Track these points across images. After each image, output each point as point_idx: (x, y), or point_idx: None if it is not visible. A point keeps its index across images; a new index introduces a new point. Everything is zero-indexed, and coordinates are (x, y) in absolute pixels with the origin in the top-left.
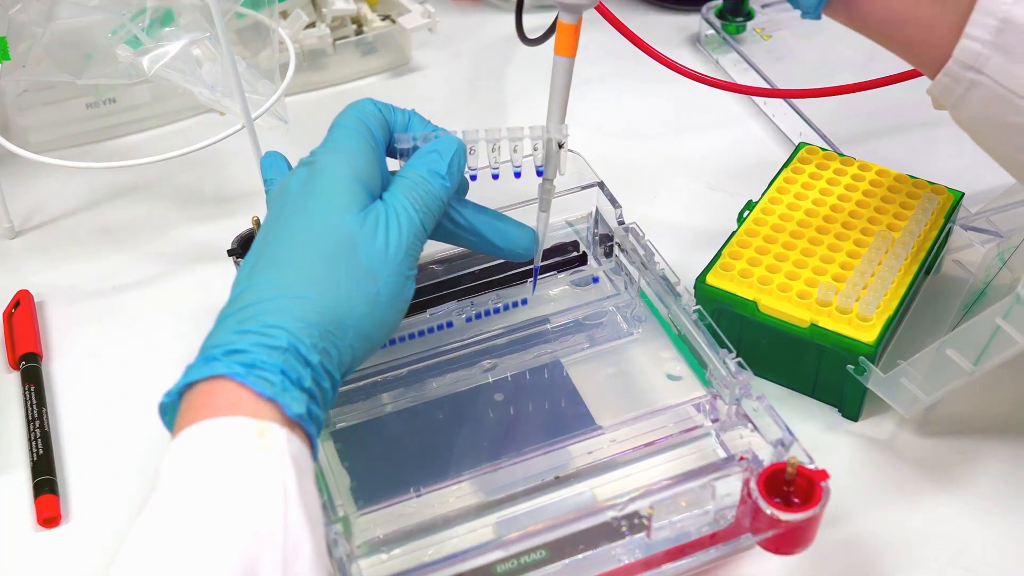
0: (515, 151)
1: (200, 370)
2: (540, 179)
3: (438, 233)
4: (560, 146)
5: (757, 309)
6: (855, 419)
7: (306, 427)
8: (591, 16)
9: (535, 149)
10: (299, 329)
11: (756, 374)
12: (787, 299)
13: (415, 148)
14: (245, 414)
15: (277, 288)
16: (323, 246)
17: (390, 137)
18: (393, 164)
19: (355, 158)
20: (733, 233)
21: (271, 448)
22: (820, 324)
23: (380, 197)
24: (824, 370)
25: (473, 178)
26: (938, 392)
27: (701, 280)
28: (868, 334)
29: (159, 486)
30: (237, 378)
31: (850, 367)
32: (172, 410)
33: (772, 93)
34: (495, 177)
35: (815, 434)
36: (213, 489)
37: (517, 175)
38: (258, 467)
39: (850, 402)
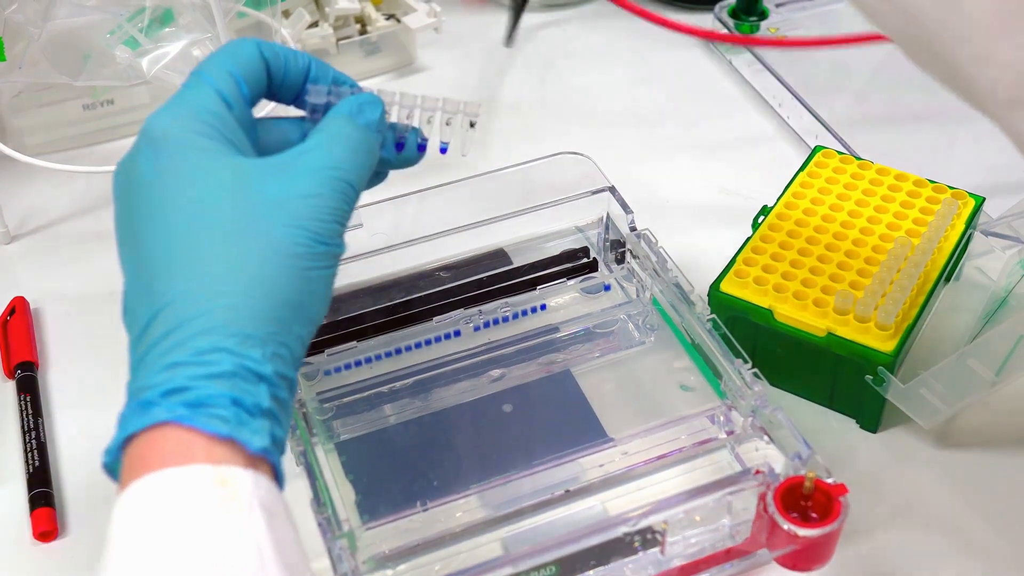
0: (428, 123)
1: (138, 419)
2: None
3: None
4: (472, 125)
5: (773, 317)
6: (874, 431)
7: (270, 458)
8: (601, 14)
9: (447, 124)
10: (239, 343)
11: (772, 384)
12: (803, 307)
13: (328, 105)
14: (200, 461)
15: (193, 302)
16: (223, 235)
17: (284, 85)
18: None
19: (205, 117)
20: (748, 239)
21: (235, 499)
22: (837, 333)
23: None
24: (842, 380)
25: (422, 147)
26: (959, 403)
27: (715, 287)
28: (887, 344)
29: (107, 551)
30: (183, 422)
31: (868, 378)
32: (116, 468)
33: (723, 38)
34: (399, 147)
35: (832, 446)
36: (173, 554)
37: (422, 148)
38: (223, 524)
39: (868, 413)
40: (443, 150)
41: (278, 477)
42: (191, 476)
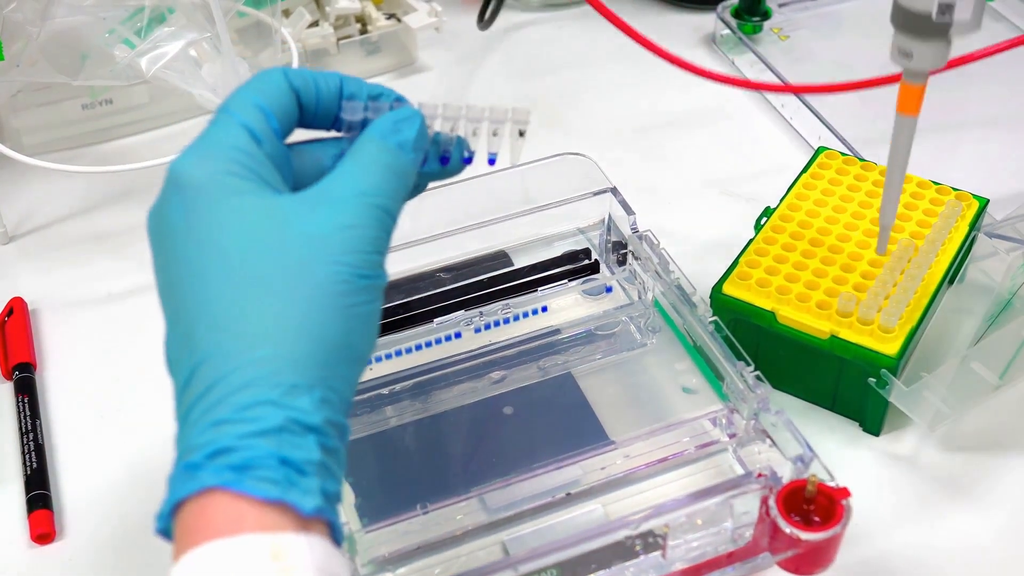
0: (474, 134)
1: (186, 484)
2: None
3: None
4: (521, 134)
5: (775, 319)
6: (876, 434)
7: (326, 516)
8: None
9: (494, 134)
10: (284, 394)
11: (774, 386)
12: (806, 309)
13: (366, 121)
14: (252, 529)
15: (234, 355)
16: (260, 279)
17: (319, 111)
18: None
19: (234, 156)
20: (750, 241)
21: (292, 571)
22: (840, 335)
23: (290, 186)
24: (844, 383)
25: (468, 160)
26: (963, 406)
27: (717, 289)
28: (890, 346)
29: None
30: (231, 487)
31: (871, 380)
32: (169, 532)
33: (781, 88)
34: (444, 161)
35: (835, 449)
36: None
37: (468, 161)
38: None
39: (871, 416)
40: (491, 161)
41: (335, 530)
42: (244, 548)
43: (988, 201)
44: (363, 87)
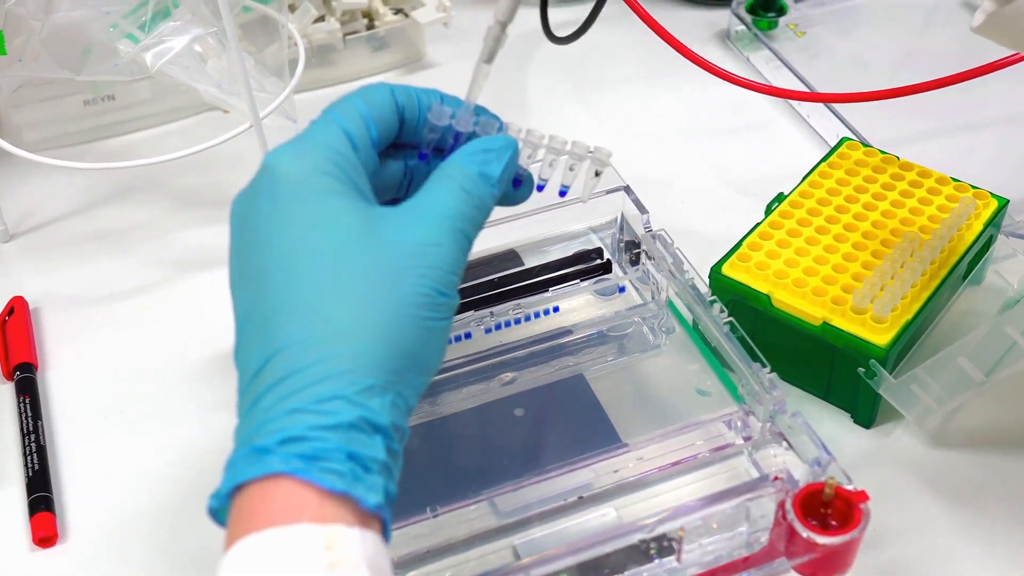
0: (551, 165)
1: (252, 467)
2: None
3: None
4: (597, 174)
5: (770, 303)
6: (867, 426)
7: (382, 514)
8: (619, 12)
9: (571, 169)
10: (358, 393)
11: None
12: (801, 295)
13: (452, 130)
14: (308, 519)
15: (315, 347)
16: (348, 280)
17: (417, 122)
18: None
19: (331, 156)
20: (757, 224)
21: (343, 563)
22: (833, 323)
23: (376, 199)
24: (837, 373)
25: (540, 188)
26: (950, 402)
27: (716, 270)
28: (881, 337)
29: None
30: (298, 475)
31: (861, 370)
32: (223, 514)
33: (805, 96)
34: (540, 189)
35: (824, 440)
36: None
37: (540, 188)
38: None
39: (863, 408)
40: (562, 194)
41: (386, 530)
42: (300, 538)
43: (1008, 201)
44: (457, 101)
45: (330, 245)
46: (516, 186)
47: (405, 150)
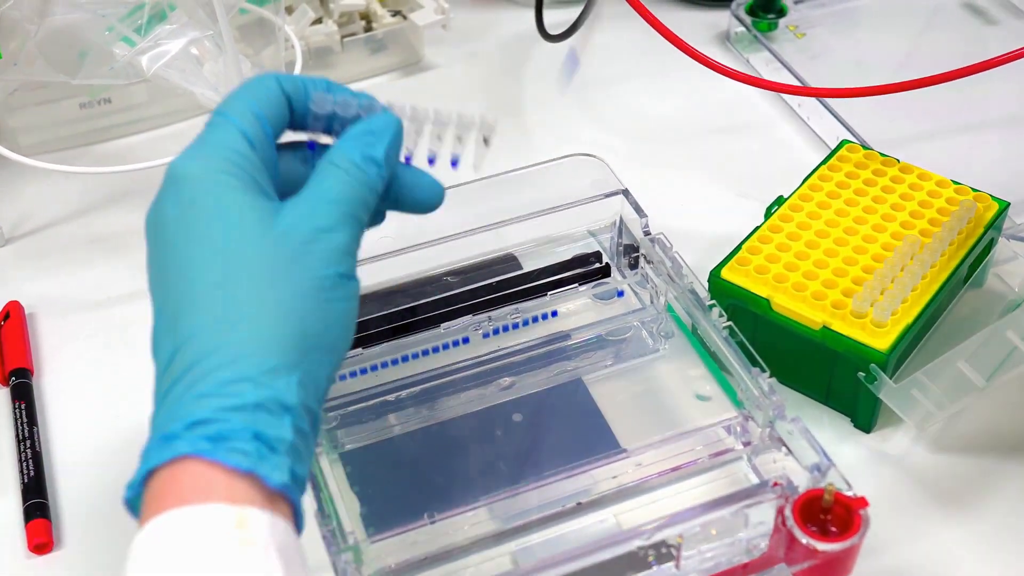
0: (439, 138)
1: (160, 453)
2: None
3: None
4: (486, 141)
5: (770, 307)
6: (867, 431)
7: (290, 496)
8: (617, 12)
9: (458, 139)
10: (263, 374)
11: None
12: (801, 299)
13: (334, 115)
14: (219, 499)
15: (217, 335)
16: (245, 269)
17: (306, 112)
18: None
19: (229, 156)
20: (756, 228)
21: (253, 543)
22: (832, 327)
23: (278, 192)
24: (837, 377)
25: (408, 159)
26: (951, 407)
27: (715, 274)
28: (881, 341)
29: None
30: (204, 455)
31: (861, 375)
32: (138, 504)
33: (801, 91)
34: (407, 160)
35: (824, 444)
36: None
37: (431, 161)
38: (240, 568)
39: (863, 412)
40: (454, 164)
41: (297, 516)
42: (210, 516)
43: (1009, 204)
44: (348, 92)
45: (229, 238)
46: (407, 161)
47: (303, 143)
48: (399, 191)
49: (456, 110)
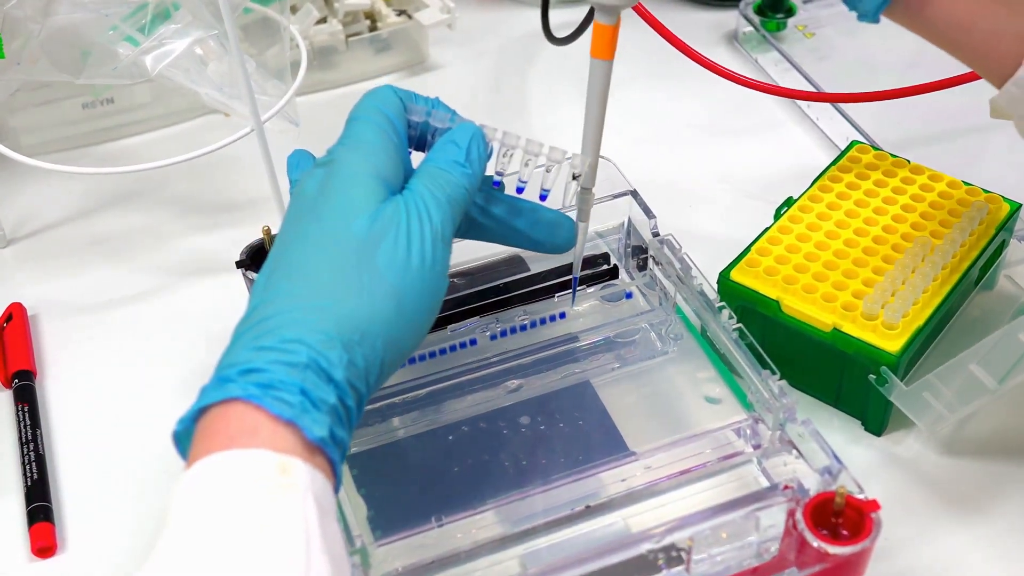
0: (526, 165)
1: (214, 393)
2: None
3: (470, 230)
4: (574, 178)
5: (779, 309)
6: (878, 433)
7: (328, 452)
8: (626, 12)
9: (547, 171)
10: (320, 342)
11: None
12: (811, 301)
13: (426, 125)
14: (264, 445)
15: (294, 299)
16: (338, 251)
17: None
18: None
19: (374, 154)
20: (766, 229)
21: (292, 487)
22: (843, 329)
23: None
24: (848, 379)
25: (496, 184)
26: (962, 409)
27: (725, 275)
28: (892, 343)
29: (169, 525)
30: (253, 400)
31: (872, 377)
32: (186, 438)
33: (815, 96)
34: (496, 184)
35: (834, 447)
36: (229, 533)
37: (520, 190)
38: (279, 510)
39: (873, 415)
40: (543, 198)
41: (336, 475)
42: (255, 460)
43: (1020, 205)
44: (446, 111)
45: (335, 221)
46: (496, 186)
47: None
48: (527, 234)
49: (547, 143)
